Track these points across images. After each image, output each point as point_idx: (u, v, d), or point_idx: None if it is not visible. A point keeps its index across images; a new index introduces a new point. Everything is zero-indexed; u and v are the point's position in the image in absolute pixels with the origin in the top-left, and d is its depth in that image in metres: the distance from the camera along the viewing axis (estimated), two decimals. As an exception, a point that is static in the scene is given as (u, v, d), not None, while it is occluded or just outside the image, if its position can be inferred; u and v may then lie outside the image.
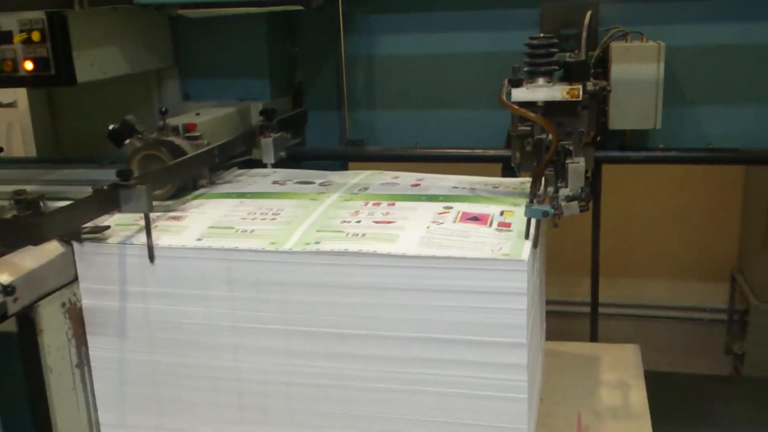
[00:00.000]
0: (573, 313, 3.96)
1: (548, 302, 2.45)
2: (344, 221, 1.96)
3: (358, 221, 1.95)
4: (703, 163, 3.09)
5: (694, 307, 4.38)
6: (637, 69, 2.57)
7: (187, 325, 1.89)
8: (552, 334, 2.58)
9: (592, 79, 2.07)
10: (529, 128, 2.07)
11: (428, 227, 1.90)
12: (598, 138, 2.17)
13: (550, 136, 2.00)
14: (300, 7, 2.58)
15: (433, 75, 3.08)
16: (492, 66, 2.97)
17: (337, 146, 3.18)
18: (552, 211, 1.87)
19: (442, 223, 1.92)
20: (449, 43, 3.02)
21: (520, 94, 2.01)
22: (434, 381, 1.79)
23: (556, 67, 2.04)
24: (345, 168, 3.14)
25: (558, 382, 2.34)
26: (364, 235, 1.86)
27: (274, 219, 1.99)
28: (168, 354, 1.91)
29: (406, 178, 2.41)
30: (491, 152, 2.93)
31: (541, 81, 2.04)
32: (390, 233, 1.86)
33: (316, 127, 3.21)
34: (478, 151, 2.94)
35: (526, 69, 2.05)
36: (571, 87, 1.99)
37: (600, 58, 2.66)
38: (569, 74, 2.04)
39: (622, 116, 2.62)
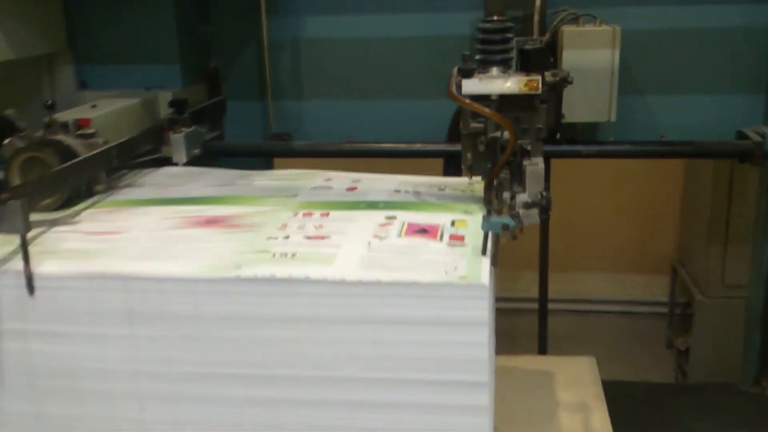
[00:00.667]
0: (515, 309, 3.77)
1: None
2: (270, 237, 1.65)
3: (287, 237, 1.65)
4: (657, 157, 2.93)
5: (636, 301, 4.27)
6: (590, 56, 2.35)
7: (79, 369, 1.55)
8: (497, 335, 2.34)
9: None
10: (481, 125, 1.81)
11: (369, 243, 1.61)
12: (558, 135, 1.92)
13: (506, 134, 1.75)
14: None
15: (367, 61, 2.79)
16: (431, 51, 2.71)
17: (261, 141, 2.85)
18: (512, 223, 1.62)
19: (385, 238, 1.64)
20: (384, 25, 2.74)
21: (472, 86, 1.74)
22: (382, 428, 1.52)
23: (512, 56, 1.78)
24: (270, 165, 2.83)
25: (513, 405, 2.11)
26: (294, 255, 1.56)
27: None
28: (55, 405, 1.57)
29: (340, 180, 2.11)
30: (432, 147, 2.67)
31: (495, 71, 1.77)
32: (325, 252, 1.57)
33: (237, 119, 2.88)
34: (418, 146, 2.68)
35: (478, 57, 1.79)
36: (529, 78, 1.73)
37: (549, 43, 2.43)
38: (527, 63, 1.78)
39: (575, 108, 2.40)
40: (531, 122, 1.82)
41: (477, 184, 1.99)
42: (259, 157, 2.81)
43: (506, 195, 1.80)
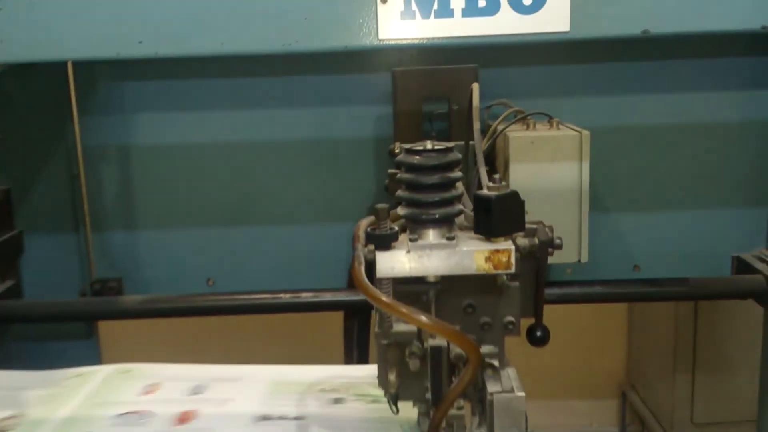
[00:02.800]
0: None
1: None
2: None
3: None
4: (642, 301, 2.22)
5: (582, 430, 3.58)
6: (548, 171, 1.63)
7: None
8: None
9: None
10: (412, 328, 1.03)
11: None
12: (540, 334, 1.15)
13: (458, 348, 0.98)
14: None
15: (232, 172, 1.98)
16: (320, 157, 1.95)
17: (74, 297, 1.95)
18: None
19: None
20: (256, 123, 1.94)
21: (394, 264, 0.97)
22: None
23: (459, 208, 1.01)
24: (90, 332, 1.95)
25: None
26: None
27: None
28: None
29: (168, 394, 1.28)
30: (327, 296, 1.86)
31: (432, 235, 1.00)
32: None
33: (40, 262, 1.98)
34: (306, 295, 1.85)
35: (402, 212, 1.02)
36: (494, 248, 0.97)
37: (487, 152, 1.70)
38: (485, 217, 1.01)
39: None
40: (495, 314, 1.06)
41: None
42: (75, 321, 1.92)
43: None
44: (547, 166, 1.61)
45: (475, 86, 1.53)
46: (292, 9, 1.09)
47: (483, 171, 1.23)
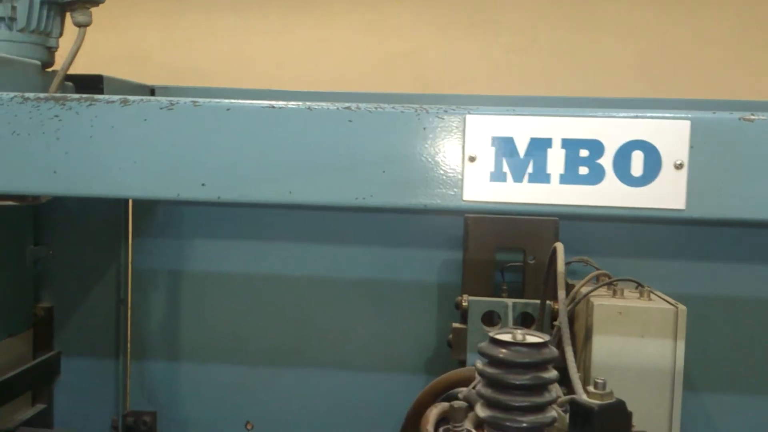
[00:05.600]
0: None
1: None
2: None
3: None
4: None
5: None
6: (637, 347, 1.45)
7: None
8: None
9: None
10: None
11: None
12: None
13: None
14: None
15: (283, 308, 1.86)
16: (380, 300, 1.81)
17: (105, 428, 1.81)
18: None
19: None
20: (315, 258, 1.84)
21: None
22: None
23: (554, 416, 0.85)
24: (112, 471, 1.78)
25: None
26: None
27: None
28: None
29: None
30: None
31: (515, 447, 0.83)
32: None
33: (75, 387, 1.86)
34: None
35: (483, 414, 0.86)
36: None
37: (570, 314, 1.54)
38: (584, 427, 0.84)
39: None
40: None
41: None
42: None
43: None
44: (636, 341, 1.43)
45: (559, 246, 1.39)
46: (370, 161, 0.98)
47: (570, 355, 1.06)
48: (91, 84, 1.44)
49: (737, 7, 2.76)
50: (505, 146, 0.97)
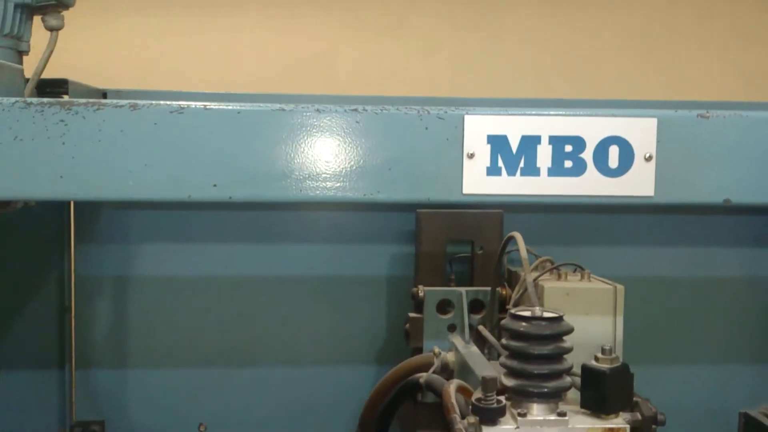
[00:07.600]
0: None
1: None
2: None
3: None
4: None
5: None
6: (583, 324, 1.60)
7: None
8: None
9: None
10: None
11: None
12: None
13: None
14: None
15: (230, 309, 1.87)
16: (330, 295, 1.87)
17: (54, 441, 1.76)
18: None
19: None
20: (263, 258, 1.86)
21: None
22: None
23: (571, 382, 0.96)
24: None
25: None
26: None
27: None
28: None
29: None
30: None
31: (539, 409, 0.93)
32: None
33: (18, 400, 1.78)
34: (313, 446, 1.73)
35: (508, 382, 0.95)
36: (608, 428, 0.91)
37: (517, 300, 1.67)
38: (594, 389, 0.96)
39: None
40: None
41: None
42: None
43: None
44: (582, 318, 1.58)
45: (518, 235, 1.51)
46: (376, 159, 1.05)
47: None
48: (56, 87, 1.40)
49: (625, 16, 3.03)
50: (499, 143, 1.07)
